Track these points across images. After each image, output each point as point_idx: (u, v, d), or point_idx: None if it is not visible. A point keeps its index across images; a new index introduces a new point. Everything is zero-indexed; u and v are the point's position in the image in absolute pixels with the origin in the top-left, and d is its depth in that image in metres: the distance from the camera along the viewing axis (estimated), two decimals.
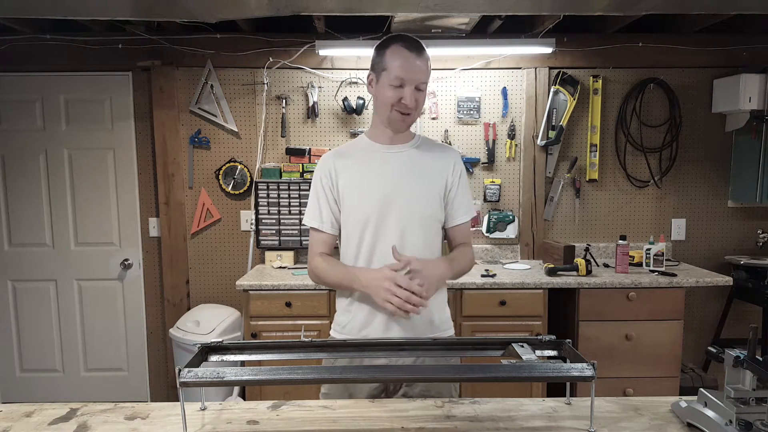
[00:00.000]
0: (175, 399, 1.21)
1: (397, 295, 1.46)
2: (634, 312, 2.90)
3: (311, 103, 3.40)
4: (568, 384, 1.33)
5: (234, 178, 3.45)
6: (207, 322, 3.15)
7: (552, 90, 3.37)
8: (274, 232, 3.39)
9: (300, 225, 3.35)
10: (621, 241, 3.07)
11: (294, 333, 2.80)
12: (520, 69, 3.42)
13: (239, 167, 3.44)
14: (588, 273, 2.98)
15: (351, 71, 3.39)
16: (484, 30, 3.22)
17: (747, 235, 3.54)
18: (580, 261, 3.00)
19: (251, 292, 2.90)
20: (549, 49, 3.20)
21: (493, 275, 2.98)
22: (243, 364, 1.42)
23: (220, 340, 1.32)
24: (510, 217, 3.46)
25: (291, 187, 3.36)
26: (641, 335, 2.91)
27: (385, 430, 1.20)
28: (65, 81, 3.43)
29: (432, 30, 3.13)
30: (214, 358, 1.31)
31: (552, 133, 3.40)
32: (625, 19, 3.12)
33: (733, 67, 3.29)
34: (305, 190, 3.29)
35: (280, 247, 3.39)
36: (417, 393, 1.56)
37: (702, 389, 1.16)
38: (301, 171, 3.37)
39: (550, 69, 3.40)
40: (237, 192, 3.46)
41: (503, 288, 2.90)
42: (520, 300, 2.90)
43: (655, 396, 1.39)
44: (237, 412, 1.29)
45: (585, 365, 1.12)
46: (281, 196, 3.37)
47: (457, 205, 1.68)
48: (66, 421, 1.25)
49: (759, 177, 3.23)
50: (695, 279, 2.93)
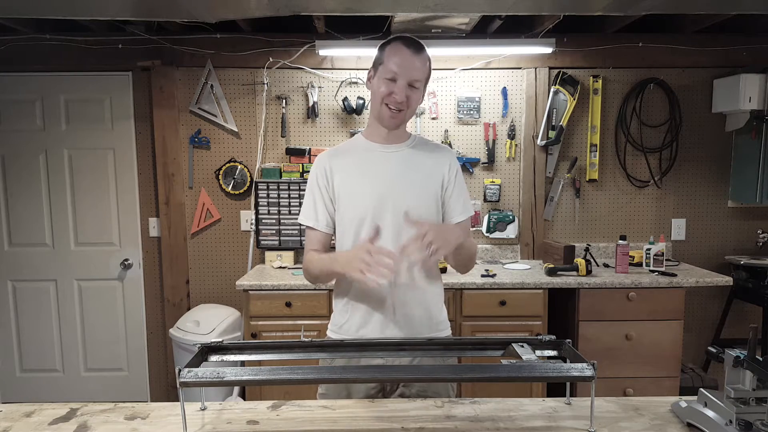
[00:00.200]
0: (175, 399, 1.21)
1: (368, 262, 1.41)
2: (634, 312, 2.90)
3: (311, 103, 3.40)
4: (568, 384, 1.33)
5: (234, 178, 3.45)
6: (207, 322, 3.15)
7: (552, 90, 3.37)
8: (274, 232, 3.39)
9: (300, 225, 3.35)
10: (621, 241, 3.07)
11: (294, 333, 2.80)
12: (520, 69, 3.42)
13: (239, 167, 3.44)
14: (588, 273, 2.97)
15: (351, 71, 3.39)
16: (484, 30, 3.22)
17: (747, 235, 3.54)
18: (580, 261, 3.00)
19: (251, 292, 2.90)
20: (549, 49, 3.20)
21: (493, 275, 2.98)
22: (243, 364, 1.42)
23: (220, 340, 1.32)
24: (510, 217, 3.46)
25: (291, 187, 3.36)
26: (641, 335, 2.91)
27: (385, 430, 1.20)
28: (65, 81, 3.43)
29: (432, 30, 3.13)
30: (214, 358, 1.31)
31: (552, 133, 3.40)
32: (625, 19, 3.12)
33: (733, 67, 3.29)
34: (305, 190, 3.28)
35: (280, 247, 3.39)
36: (414, 393, 1.56)
37: (702, 389, 1.16)
38: (301, 171, 3.37)
39: (550, 69, 3.40)
40: (237, 192, 3.46)
41: (503, 288, 2.90)
42: (520, 300, 2.90)
43: (655, 396, 1.39)
44: (237, 412, 1.29)
45: (585, 365, 1.12)
46: (281, 196, 3.37)
47: (454, 204, 1.68)
48: (66, 421, 1.25)
49: (759, 177, 3.23)
50: (695, 279, 2.93)
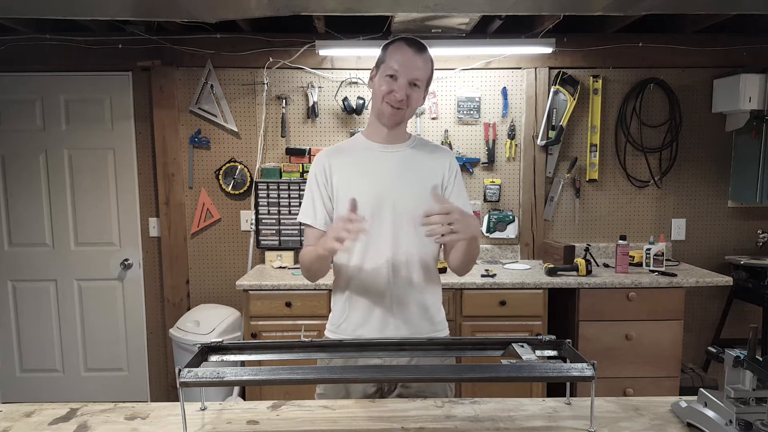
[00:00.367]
0: (175, 399, 1.21)
1: (340, 227, 1.40)
2: (634, 312, 2.90)
3: (311, 103, 3.40)
4: (568, 384, 1.33)
5: (234, 178, 3.45)
6: (207, 322, 3.15)
7: (552, 90, 3.37)
8: (274, 232, 3.39)
9: (300, 225, 3.35)
10: (621, 241, 3.07)
11: (294, 333, 2.80)
12: (520, 69, 3.42)
13: (239, 167, 3.44)
14: (588, 273, 2.97)
15: (351, 71, 3.39)
16: (484, 30, 3.22)
17: (747, 235, 3.54)
18: (580, 261, 3.00)
19: (251, 292, 2.90)
20: (549, 49, 3.20)
21: (493, 275, 2.98)
22: (243, 364, 1.42)
23: (220, 340, 1.32)
24: (510, 217, 3.46)
25: (291, 187, 3.36)
26: (641, 335, 2.91)
27: (385, 430, 1.20)
28: (65, 81, 3.43)
29: (432, 30, 3.13)
30: (214, 358, 1.31)
31: (552, 133, 3.40)
32: (625, 19, 3.12)
33: (733, 67, 3.29)
34: (305, 188, 3.28)
35: (280, 247, 3.39)
36: (412, 393, 1.55)
37: (702, 389, 1.16)
38: (301, 171, 3.37)
39: (550, 69, 3.40)
40: (237, 192, 3.46)
41: (503, 288, 2.90)
42: (520, 300, 2.90)
43: (655, 396, 1.39)
44: (237, 412, 1.29)
45: (585, 365, 1.12)
46: (281, 196, 3.37)
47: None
48: (66, 421, 1.25)
49: (759, 177, 3.23)
50: (695, 279, 2.93)
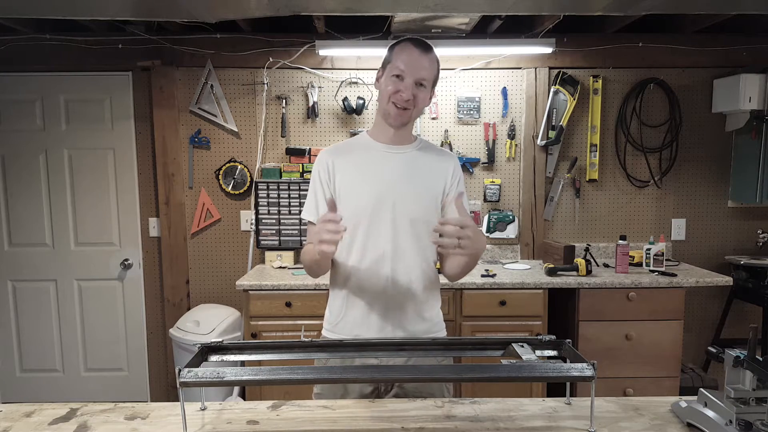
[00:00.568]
0: (175, 399, 1.21)
1: (321, 230, 1.39)
2: (634, 312, 2.90)
3: (311, 103, 3.40)
4: (568, 384, 1.33)
5: (234, 178, 3.45)
6: (207, 322, 3.15)
7: (552, 90, 3.37)
8: (274, 232, 3.39)
9: (300, 225, 3.36)
10: (621, 241, 3.07)
11: (294, 333, 2.80)
12: (520, 69, 3.42)
13: (239, 167, 3.44)
14: (588, 273, 2.97)
15: (351, 71, 3.39)
16: (484, 30, 3.22)
17: (747, 235, 3.54)
18: (580, 261, 3.00)
19: (251, 292, 2.90)
20: (549, 49, 3.20)
21: (493, 275, 2.98)
22: (243, 364, 1.42)
23: (220, 340, 1.32)
24: (510, 217, 3.46)
25: (291, 187, 3.36)
26: (641, 335, 2.91)
27: (385, 430, 1.20)
28: (65, 81, 3.43)
29: (432, 30, 3.12)
30: (214, 358, 1.31)
31: (552, 133, 3.40)
32: (625, 19, 3.12)
33: (733, 67, 3.29)
34: (305, 190, 3.26)
35: (280, 247, 3.39)
36: (409, 393, 1.55)
37: (702, 389, 1.16)
38: (301, 171, 3.37)
39: (550, 69, 3.40)
40: (237, 192, 3.46)
41: (503, 288, 2.90)
42: (520, 300, 2.90)
43: (655, 396, 1.39)
44: (237, 412, 1.29)
45: (585, 365, 1.12)
46: (281, 196, 3.37)
47: (454, 211, 1.66)
48: (66, 421, 1.25)
49: (759, 177, 3.23)
50: (695, 279, 2.93)
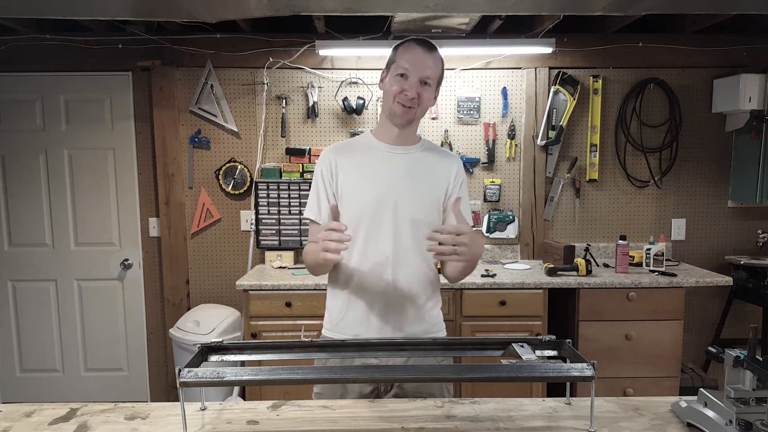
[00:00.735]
0: (175, 399, 1.21)
1: (326, 238, 1.39)
2: (634, 312, 2.90)
3: (311, 103, 3.40)
4: (568, 384, 1.33)
5: (234, 178, 3.45)
6: (207, 322, 3.15)
7: (552, 90, 3.37)
8: (274, 232, 3.39)
9: (300, 225, 3.35)
10: (621, 241, 3.07)
11: (294, 333, 2.80)
12: (520, 69, 3.42)
13: (239, 167, 3.44)
14: (588, 273, 2.97)
15: (351, 71, 3.39)
16: (484, 30, 3.22)
17: (747, 235, 3.54)
18: (580, 261, 3.00)
19: (251, 292, 2.90)
20: (549, 49, 3.20)
21: (493, 275, 2.98)
22: (243, 364, 1.42)
23: (220, 340, 1.32)
24: (510, 217, 3.46)
25: (291, 187, 3.36)
26: (641, 335, 2.91)
27: (385, 430, 1.20)
28: (65, 81, 3.43)
29: (432, 30, 3.12)
30: (214, 358, 1.31)
31: (552, 133, 3.40)
32: (625, 19, 3.12)
33: (733, 67, 3.29)
34: (305, 190, 3.29)
35: (280, 247, 3.39)
36: (409, 393, 1.55)
37: (702, 389, 1.16)
38: (301, 171, 3.37)
39: (550, 69, 3.40)
40: (237, 192, 3.46)
41: (503, 288, 2.90)
42: (520, 300, 2.90)
43: (655, 396, 1.39)
44: (237, 412, 1.29)
45: (585, 365, 1.12)
46: (281, 196, 3.36)
47: (456, 213, 1.67)
48: (66, 421, 1.25)
49: (759, 177, 3.23)
50: (695, 279, 2.93)
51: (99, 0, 2.01)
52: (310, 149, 3.41)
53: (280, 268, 3.29)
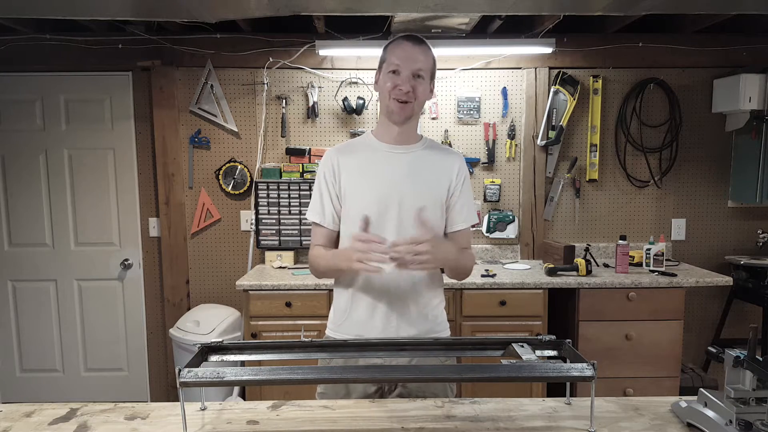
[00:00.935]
0: (175, 399, 1.21)
1: (362, 249, 1.43)
2: (634, 312, 2.90)
3: (311, 103, 3.40)
4: (568, 384, 1.33)
5: (234, 178, 3.45)
6: (207, 322, 3.15)
7: (552, 90, 3.37)
8: (274, 232, 3.39)
9: (300, 225, 3.35)
10: (621, 241, 3.07)
11: (294, 333, 2.80)
12: (520, 69, 3.42)
13: (239, 167, 3.44)
14: (588, 273, 2.97)
15: (351, 71, 3.39)
16: (484, 30, 3.22)
17: (747, 235, 3.54)
18: (580, 261, 3.00)
19: (251, 292, 2.90)
20: (549, 49, 3.20)
21: (493, 275, 2.98)
22: (243, 364, 1.42)
23: (220, 340, 1.32)
24: (510, 217, 3.46)
25: (291, 187, 3.35)
26: (641, 335, 2.91)
27: (385, 430, 1.20)
28: (65, 81, 3.43)
29: (432, 30, 3.12)
30: (214, 358, 1.31)
31: (552, 133, 3.40)
32: (625, 19, 3.12)
33: (733, 67, 3.29)
34: (305, 190, 3.29)
35: (280, 247, 3.39)
36: (412, 393, 1.55)
37: (702, 389, 1.16)
38: (301, 171, 3.37)
39: (550, 69, 3.40)
40: (237, 192, 3.46)
41: (503, 288, 2.90)
42: (520, 300, 2.90)
43: (655, 396, 1.39)
44: (237, 412, 1.29)
45: (585, 365, 1.12)
46: (281, 196, 3.36)
47: (458, 211, 1.67)
48: (66, 421, 1.25)
49: (759, 177, 3.23)
50: (695, 279, 2.93)
51: (99, 0, 2.01)
52: (310, 149, 3.41)
53: (280, 268, 3.29)
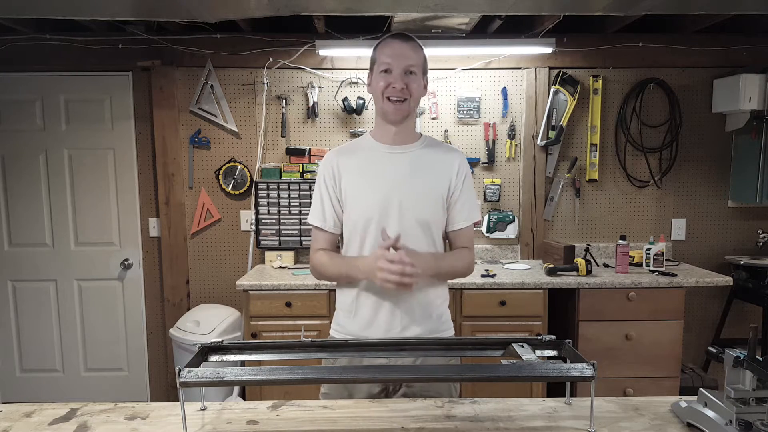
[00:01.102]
0: (175, 399, 1.21)
1: (392, 271, 1.45)
2: (634, 312, 2.90)
3: (311, 103, 3.40)
4: (568, 384, 1.33)
5: (234, 178, 3.45)
6: (207, 322, 3.15)
7: (552, 90, 3.37)
8: (274, 232, 3.39)
9: (300, 225, 3.35)
10: (621, 241, 3.07)
11: (294, 333, 2.80)
12: (520, 69, 3.42)
13: (239, 167, 3.44)
14: (588, 273, 2.97)
15: (351, 71, 3.39)
16: (484, 30, 3.22)
17: (747, 235, 3.54)
18: (580, 261, 3.00)
19: (251, 292, 2.90)
20: (549, 49, 3.20)
21: (493, 275, 2.98)
22: (243, 364, 1.42)
23: (220, 340, 1.32)
24: (510, 217, 3.46)
25: (291, 187, 3.35)
26: (641, 335, 2.91)
27: (385, 430, 1.20)
28: (65, 81, 3.43)
29: (432, 30, 3.13)
30: (214, 358, 1.31)
31: (552, 133, 3.40)
32: (625, 19, 3.12)
33: (733, 67, 3.29)
34: (305, 190, 3.29)
35: (280, 247, 3.39)
36: (417, 392, 1.56)
37: (702, 389, 1.16)
38: (301, 171, 3.36)
39: (550, 69, 3.40)
40: (237, 192, 3.46)
41: (503, 288, 2.90)
42: (520, 300, 2.90)
43: (655, 396, 1.39)
44: (237, 412, 1.29)
45: (585, 365, 1.12)
46: (281, 196, 3.36)
47: (459, 209, 1.66)
48: (66, 421, 1.25)
49: (759, 177, 3.23)
50: (695, 279, 2.93)
51: (99, 0, 2.01)
52: (310, 149, 3.41)
53: (280, 268, 3.29)
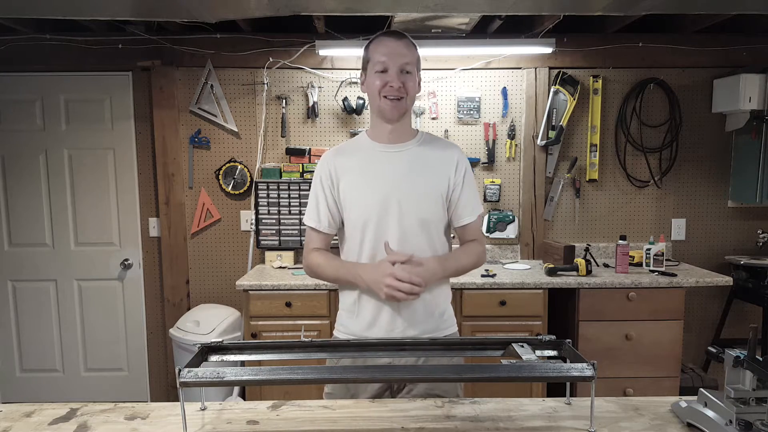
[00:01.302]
0: (175, 399, 1.21)
1: (401, 289, 1.48)
2: (634, 312, 2.90)
3: (311, 103, 3.40)
4: (568, 384, 1.33)
5: (234, 178, 3.45)
6: (207, 322, 3.15)
7: (552, 90, 3.37)
8: (274, 232, 3.39)
9: (300, 225, 3.35)
10: (621, 241, 3.07)
11: (294, 333, 2.80)
12: (520, 69, 3.42)
13: (239, 167, 3.44)
14: (588, 273, 2.97)
15: (351, 71, 3.39)
16: (484, 30, 3.22)
17: (747, 235, 3.54)
18: (580, 261, 3.00)
19: (251, 292, 2.90)
20: (549, 49, 3.20)
21: (493, 275, 2.98)
22: (243, 364, 1.42)
23: (220, 340, 1.32)
24: (510, 217, 3.46)
25: (291, 187, 3.36)
26: (641, 335, 2.91)
27: (385, 430, 1.20)
28: (65, 81, 3.43)
29: (432, 30, 3.13)
30: (214, 358, 1.31)
31: (552, 133, 3.40)
32: (625, 19, 3.12)
33: (733, 67, 3.29)
34: (305, 190, 3.29)
35: (280, 247, 3.39)
36: (421, 392, 1.56)
37: (702, 389, 1.16)
38: (301, 171, 3.37)
39: (550, 69, 3.40)
40: (237, 192, 3.46)
41: (503, 288, 2.90)
42: (520, 300, 2.90)
43: (655, 396, 1.39)
44: (237, 412, 1.29)
45: (585, 365, 1.12)
46: (281, 196, 3.36)
47: (463, 205, 1.66)
48: (66, 421, 1.25)
49: (759, 177, 3.23)
50: (695, 279, 2.93)
51: (99, 0, 2.01)
52: (310, 149, 3.41)
53: (280, 268, 3.29)
